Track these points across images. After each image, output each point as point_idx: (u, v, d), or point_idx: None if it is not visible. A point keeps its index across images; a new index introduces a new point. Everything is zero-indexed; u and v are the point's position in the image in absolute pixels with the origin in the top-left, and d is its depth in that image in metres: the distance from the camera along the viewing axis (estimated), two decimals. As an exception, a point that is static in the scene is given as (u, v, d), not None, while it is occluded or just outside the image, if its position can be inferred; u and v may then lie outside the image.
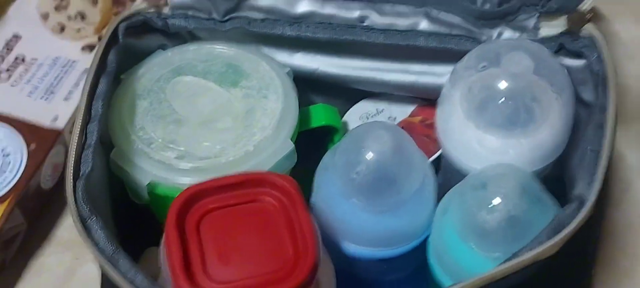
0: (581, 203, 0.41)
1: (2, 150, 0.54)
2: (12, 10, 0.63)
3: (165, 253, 0.40)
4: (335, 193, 0.45)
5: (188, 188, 0.41)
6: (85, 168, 0.44)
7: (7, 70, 0.59)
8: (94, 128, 0.45)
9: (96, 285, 0.48)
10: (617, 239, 0.55)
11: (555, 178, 0.48)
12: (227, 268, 0.39)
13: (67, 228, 0.57)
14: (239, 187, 0.41)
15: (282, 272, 0.38)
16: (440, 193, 0.46)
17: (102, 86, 0.47)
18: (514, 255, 0.39)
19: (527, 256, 0.39)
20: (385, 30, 0.52)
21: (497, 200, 0.42)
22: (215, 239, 0.40)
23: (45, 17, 0.62)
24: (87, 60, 0.59)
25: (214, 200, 0.41)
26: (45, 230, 0.56)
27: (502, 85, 0.45)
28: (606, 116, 0.44)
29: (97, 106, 0.46)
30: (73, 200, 0.42)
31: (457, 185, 0.45)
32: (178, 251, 0.39)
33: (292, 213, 0.40)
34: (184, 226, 0.40)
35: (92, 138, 0.45)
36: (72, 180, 0.43)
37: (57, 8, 0.63)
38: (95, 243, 0.41)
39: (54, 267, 0.55)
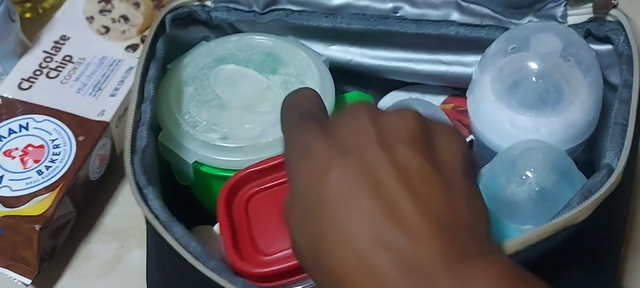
0: (610, 171, 0.41)
1: (52, 142, 0.56)
2: (59, 14, 0.66)
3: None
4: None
5: (232, 177, 0.44)
6: (141, 143, 0.45)
7: (56, 68, 0.61)
8: (147, 107, 0.47)
9: (141, 271, 0.50)
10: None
11: (587, 164, 0.49)
12: (274, 242, 0.42)
13: (114, 218, 0.59)
14: (278, 168, 0.44)
15: None
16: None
17: (152, 71, 0.49)
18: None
19: (559, 221, 0.39)
20: (418, 21, 0.53)
21: (526, 173, 0.42)
22: (261, 218, 0.43)
23: (90, 20, 0.65)
24: (131, 60, 0.62)
25: (256, 184, 0.45)
26: (93, 219, 0.58)
27: (532, 65, 0.46)
28: (631, 91, 0.45)
29: (149, 88, 0.48)
30: (131, 170, 0.44)
31: (488, 164, 0.45)
32: (228, 232, 0.43)
33: None
34: (232, 209, 0.44)
35: (146, 116, 0.47)
36: (129, 154, 0.44)
37: (102, 11, 0.65)
38: (152, 210, 0.42)
39: (101, 254, 0.57)
